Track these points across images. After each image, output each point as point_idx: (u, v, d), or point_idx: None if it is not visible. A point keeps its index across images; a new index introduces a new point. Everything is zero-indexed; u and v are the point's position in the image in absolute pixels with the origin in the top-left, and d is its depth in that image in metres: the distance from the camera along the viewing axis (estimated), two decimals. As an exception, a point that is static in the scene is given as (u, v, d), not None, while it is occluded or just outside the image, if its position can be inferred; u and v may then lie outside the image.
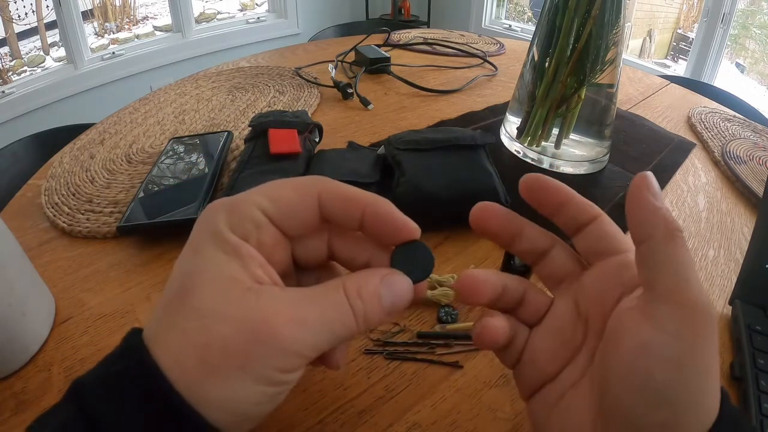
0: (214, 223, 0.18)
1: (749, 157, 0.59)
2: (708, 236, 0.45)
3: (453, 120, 0.64)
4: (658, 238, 0.17)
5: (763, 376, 0.28)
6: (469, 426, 0.26)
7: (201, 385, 0.16)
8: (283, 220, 0.19)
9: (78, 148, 0.55)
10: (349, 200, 0.20)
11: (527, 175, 0.22)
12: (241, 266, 0.18)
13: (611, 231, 0.21)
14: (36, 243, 0.39)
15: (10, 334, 0.27)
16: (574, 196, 0.22)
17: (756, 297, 0.34)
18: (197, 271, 0.18)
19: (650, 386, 0.16)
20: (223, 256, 0.18)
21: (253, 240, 0.19)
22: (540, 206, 0.22)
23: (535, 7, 2.76)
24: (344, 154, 0.47)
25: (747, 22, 1.95)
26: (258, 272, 0.18)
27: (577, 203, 0.22)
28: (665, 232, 0.17)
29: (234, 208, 0.19)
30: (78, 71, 2.06)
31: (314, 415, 0.26)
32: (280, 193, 0.19)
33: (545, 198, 0.22)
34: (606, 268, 0.21)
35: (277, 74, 0.77)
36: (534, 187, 0.22)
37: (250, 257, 0.18)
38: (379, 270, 0.20)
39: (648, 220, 0.18)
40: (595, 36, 0.44)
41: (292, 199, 0.19)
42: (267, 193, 0.19)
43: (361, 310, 0.19)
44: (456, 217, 0.38)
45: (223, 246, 0.18)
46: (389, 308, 0.19)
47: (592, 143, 0.52)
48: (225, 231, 0.18)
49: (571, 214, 0.22)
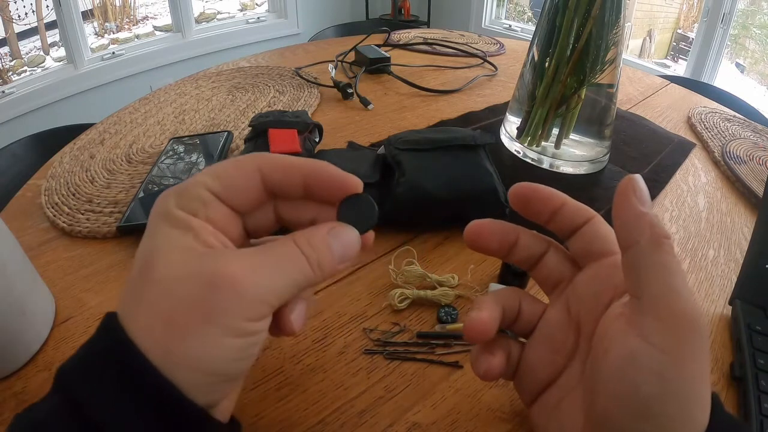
0: (165, 205, 0.19)
1: (749, 157, 0.59)
2: (708, 236, 0.45)
3: (453, 120, 0.64)
4: (644, 245, 0.17)
5: (763, 376, 0.28)
6: (469, 426, 0.26)
7: (171, 348, 0.16)
8: (228, 195, 0.20)
9: (78, 148, 0.55)
10: (288, 168, 0.21)
11: (516, 185, 0.22)
12: (194, 237, 0.18)
13: (604, 232, 0.21)
14: (36, 243, 0.39)
15: (10, 334, 0.27)
16: (567, 200, 0.22)
17: (756, 297, 0.34)
18: (154, 249, 0.18)
19: (636, 398, 0.16)
20: (176, 230, 0.19)
21: (201, 216, 0.19)
22: (534, 216, 0.22)
23: (535, 7, 2.76)
24: (344, 154, 0.47)
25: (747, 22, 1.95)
26: (210, 239, 0.19)
27: (571, 207, 0.22)
28: (651, 238, 0.17)
29: (181, 191, 0.20)
30: (78, 71, 2.06)
31: (314, 415, 0.26)
32: (223, 171, 0.20)
33: (539, 207, 0.22)
34: (598, 270, 0.21)
35: (277, 74, 0.77)
36: (527, 197, 0.22)
37: (201, 228, 0.19)
38: (325, 224, 0.21)
39: (633, 226, 0.18)
40: (595, 36, 0.44)
41: (234, 175, 0.20)
42: (211, 172, 0.20)
43: (313, 256, 0.19)
44: (456, 217, 0.38)
45: (174, 223, 0.19)
46: (340, 256, 0.20)
47: (592, 143, 0.52)
48: (174, 210, 0.19)
49: (565, 218, 0.22)
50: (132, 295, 0.18)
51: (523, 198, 0.22)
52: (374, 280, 0.36)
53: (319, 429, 0.26)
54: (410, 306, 0.34)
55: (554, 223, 0.22)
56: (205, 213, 0.19)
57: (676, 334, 0.16)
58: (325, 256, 0.20)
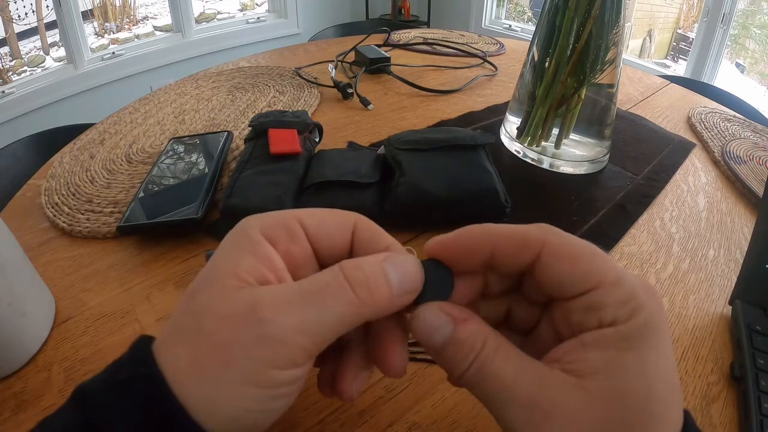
0: (248, 224, 0.18)
1: (749, 157, 0.59)
2: (708, 236, 0.45)
3: (453, 120, 0.64)
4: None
5: (763, 376, 0.28)
6: (469, 426, 0.26)
7: (189, 386, 0.15)
8: (319, 237, 0.19)
9: (78, 148, 0.55)
10: (376, 234, 0.20)
11: (428, 243, 0.19)
12: (251, 264, 0.17)
13: (562, 269, 0.18)
14: (36, 243, 0.39)
15: (10, 334, 0.27)
16: (497, 240, 0.18)
17: (756, 297, 0.34)
18: (210, 270, 0.17)
19: None
20: (238, 252, 0.17)
21: (281, 247, 0.18)
22: (467, 269, 0.19)
23: (535, 7, 2.76)
24: (344, 154, 0.47)
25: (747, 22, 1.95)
26: (267, 274, 0.17)
27: (505, 249, 0.18)
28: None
29: (273, 215, 0.19)
30: (78, 71, 2.06)
31: (314, 415, 0.26)
32: (320, 212, 0.20)
33: (464, 263, 0.19)
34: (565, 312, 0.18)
35: (277, 74, 0.77)
36: (446, 251, 0.19)
37: (266, 258, 0.17)
38: (380, 253, 0.19)
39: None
40: (595, 36, 0.44)
41: (330, 220, 0.19)
42: (308, 210, 0.19)
43: (361, 281, 0.17)
44: (456, 217, 0.38)
45: (243, 244, 0.17)
46: (398, 286, 0.17)
47: (592, 143, 0.52)
48: (253, 231, 0.18)
49: (505, 263, 0.19)
50: (174, 319, 0.17)
51: (440, 250, 0.19)
52: (374, 280, 0.36)
53: (319, 429, 0.25)
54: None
55: (494, 272, 0.19)
56: (287, 245, 0.18)
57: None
58: (377, 281, 0.17)
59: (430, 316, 0.18)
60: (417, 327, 0.18)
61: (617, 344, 0.16)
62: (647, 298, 0.17)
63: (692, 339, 0.33)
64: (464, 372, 0.17)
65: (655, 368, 0.16)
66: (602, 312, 0.17)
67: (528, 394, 0.16)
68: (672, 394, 0.16)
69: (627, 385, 0.16)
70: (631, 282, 0.17)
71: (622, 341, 0.16)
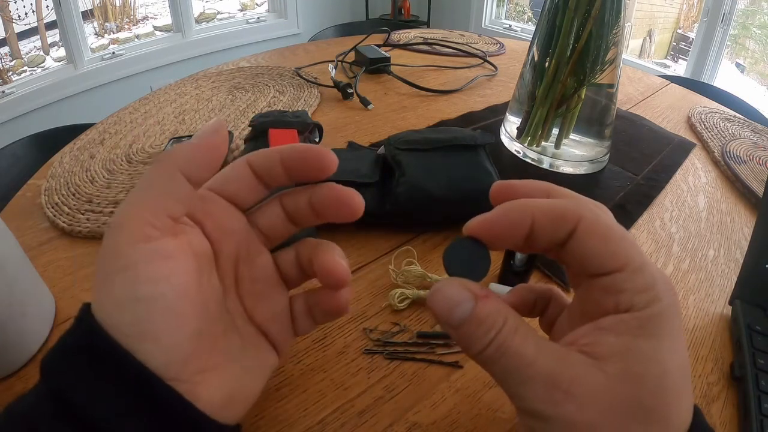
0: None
1: (749, 157, 0.59)
2: (708, 236, 0.45)
3: (453, 120, 0.64)
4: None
5: (763, 376, 0.28)
6: (469, 426, 0.26)
7: (108, 309, 0.17)
8: (222, 188, 0.21)
9: (78, 148, 0.55)
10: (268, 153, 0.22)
11: (467, 225, 0.19)
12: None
13: (593, 246, 0.18)
14: (36, 243, 0.39)
15: (10, 334, 0.27)
16: (536, 211, 0.18)
17: (756, 297, 0.34)
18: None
19: None
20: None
21: (199, 211, 0.20)
22: (502, 247, 0.19)
23: (535, 7, 2.76)
24: (344, 154, 0.47)
25: (747, 22, 1.95)
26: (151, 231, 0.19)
27: (543, 222, 0.18)
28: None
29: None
30: (78, 71, 2.06)
31: (314, 415, 0.26)
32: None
33: (503, 239, 0.19)
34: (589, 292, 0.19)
35: (277, 74, 0.77)
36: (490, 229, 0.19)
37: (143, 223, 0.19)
38: None
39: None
40: (595, 36, 0.44)
41: (226, 170, 0.22)
42: None
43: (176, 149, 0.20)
44: (456, 217, 0.38)
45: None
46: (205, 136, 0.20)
47: (592, 143, 0.52)
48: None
49: (542, 237, 0.18)
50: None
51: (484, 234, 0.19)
52: (374, 280, 0.36)
53: (319, 429, 0.26)
54: (410, 306, 0.34)
55: (529, 248, 0.19)
56: (202, 207, 0.20)
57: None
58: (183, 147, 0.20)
59: (452, 291, 0.18)
60: (437, 300, 0.18)
61: (634, 330, 0.16)
62: (665, 290, 0.17)
63: (692, 339, 0.33)
64: (483, 348, 0.17)
65: (669, 356, 0.16)
66: (620, 296, 0.17)
67: (548, 371, 0.16)
68: (685, 382, 0.17)
69: (644, 369, 0.16)
70: (653, 272, 0.17)
71: (639, 328, 0.16)
